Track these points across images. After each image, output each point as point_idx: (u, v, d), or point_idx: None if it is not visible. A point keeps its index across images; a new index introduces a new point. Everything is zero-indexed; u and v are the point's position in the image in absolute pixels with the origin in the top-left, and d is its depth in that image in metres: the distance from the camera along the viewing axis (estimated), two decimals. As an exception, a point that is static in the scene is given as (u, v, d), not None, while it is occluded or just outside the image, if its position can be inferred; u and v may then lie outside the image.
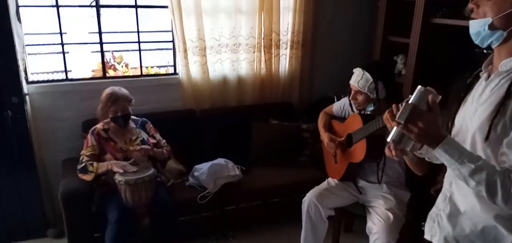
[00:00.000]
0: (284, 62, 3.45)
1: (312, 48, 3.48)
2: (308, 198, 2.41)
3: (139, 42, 3.17)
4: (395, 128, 1.21)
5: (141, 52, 3.21)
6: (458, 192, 1.30)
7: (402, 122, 1.16)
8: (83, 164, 2.48)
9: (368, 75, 2.28)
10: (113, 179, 2.43)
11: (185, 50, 3.09)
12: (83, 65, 4.45)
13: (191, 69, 3.17)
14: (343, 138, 2.46)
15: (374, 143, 2.21)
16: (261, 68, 3.38)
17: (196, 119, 3.23)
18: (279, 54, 3.38)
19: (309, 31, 3.39)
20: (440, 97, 1.20)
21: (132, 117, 2.71)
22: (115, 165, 2.44)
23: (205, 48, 3.15)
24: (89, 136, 2.59)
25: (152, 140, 2.72)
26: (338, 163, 2.52)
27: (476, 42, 1.21)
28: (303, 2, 3.27)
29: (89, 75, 4.30)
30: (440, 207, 1.38)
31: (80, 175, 2.48)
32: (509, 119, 1.12)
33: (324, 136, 2.58)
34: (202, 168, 2.80)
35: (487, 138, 1.16)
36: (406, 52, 2.90)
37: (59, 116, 2.96)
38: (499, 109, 1.13)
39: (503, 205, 1.10)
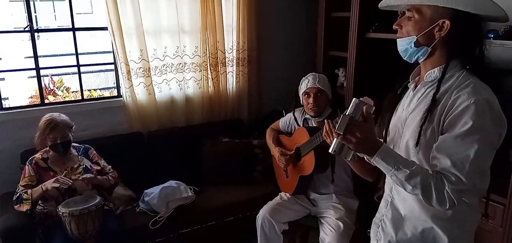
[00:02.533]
0: (232, 80, 3.47)
1: (258, 65, 3.54)
2: (262, 214, 2.44)
3: (78, 65, 3.05)
4: (335, 139, 1.28)
5: (82, 75, 3.09)
6: (398, 197, 1.38)
7: (341, 133, 1.22)
8: (18, 195, 2.34)
9: (324, 75, 2.40)
10: (56, 211, 2.30)
11: (128, 72, 3.01)
12: (20, 92, 4.18)
13: (136, 91, 3.09)
14: (292, 152, 2.52)
15: (322, 155, 2.28)
16: (209, 86, 3.37)
17: (144, 142, 3.15)
18: (226, 71, 3.40)
19: (253, 48, 3.45)
20: (374, 107, 1.28)
21: (74, 144, 2.59)
22: (49, 184, 2.31)
23: (149, 68, 3.09)
24: (26, 166, 2.44)
25: (96, 167, 2.60)
26: (290, 177, 2.57)
27: (405, 58, 1.31)
28: (245, 20, 3.32)
29: (26, 102, 4.04)
30: (383, 213, 1.45)
31: (16, 207, 2.33)
32: (437, 125, 1.21)
33: (275, 151, 2.62)
34: (153, 192, 2.73)
35: (417, 144, 1.24)
36: (346, 65, 3.05)
37: (-6, 148, 2.75)
38: (427, 116, 1.22)
39: (439, 207, 1.17)
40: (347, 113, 1.26)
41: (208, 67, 3.32)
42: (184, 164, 3.16)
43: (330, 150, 1.31)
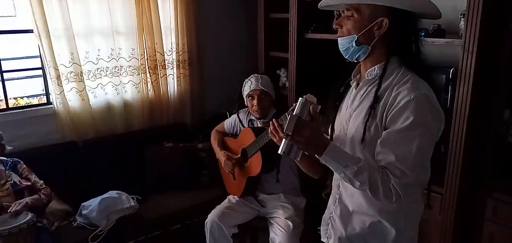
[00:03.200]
0: (173, 82, 3.36)
1: (199, 67, 3.46)
2: (210, 219, 2.39)
3: (1, 71, 2.77)
4: (284, 140, 1.28)
5: (5, 82, 2.81)
6: (346, 193, 1.41)
7: (290, 134, 1.23)
8: None
9: (266, 77, 2.40)
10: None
11: (58, 77, 2.80)
12: None
13: (67, 97, 2.88)
14: (238, 155, 2.49)
15: (269, 154, 2.29)
16: (148, 90, 3.24)
17: (79, 152, 2.94)
18: (166, 74, 3.29)
19: (193, 50, 3.37)
20: (319, 106, 1.30)
21: (0, 158, 2.35)
22: None
23: (81, 73, 2.90)
24: None
25: (25, 183, 2.39)
26: (237, 180, 2.54)
27: (346, 56, 1.34)
28: (183, 22, 3.23)
29: None
30: (331, 210, 1.48)
31: None
32: (380, 121, 1.25)
33: (220, 155, 2.58)
34: (91, 205, 2.56)
35: (363, 140, 1.27)
36: (287, 65, 3.09)
37: None
38: (370, 113, 1.26)
39: (385, 201, 1.21)
40: (294, 113, 1.26)
41: (147, 70, 3.18)
42: (125, 172, 3.00)
43: (279, 151, 1.30)
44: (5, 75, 2.81)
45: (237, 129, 2.64)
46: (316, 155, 1.28)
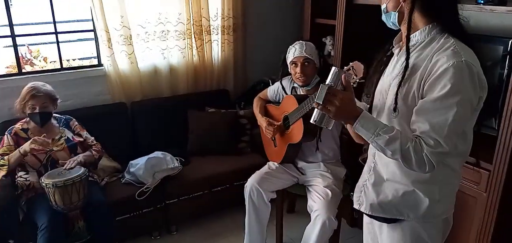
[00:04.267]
0: (217, 48, 3.39)
1: (243, 33, 3.46)
2: (250, 183, 2.42)
3: (56, 32, 2.91)
4: (316, 109, 1.28)
5: (60, 44, 2.96)
6: (380, 162, 1.39)
7: (321, 103, 1.23)
8: None
9: (311, 43, 2.36)
10: (39, 182, 2.24)
11: (109, 40, 2.90)
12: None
13: (117, 60, 2.99)
14: (280, 122, 2.50)
15: (311, 123, 2.27)
16: (193, 55, 3.29)
17: (127, 113, 3.07)
18: (210, 40, 3.31)
19: (238, 16, 3.36)
20: (354, 76, 1.33)
21: (54, 114, 2.50)
22: (26, 146, 2.23)
23: (130, 36, 2.98)
24: (5, 136, 2.36)
25: (78, 139, 2.53)
26: (278, 146, 2.55)
27: (387, 24, 1.37)
28: (230, -14, 3.22)
29: (2, 72, 3.87)
30: (365, 177, 1.47)
31: None
32: (417, 89, 1.21)
33: (262, 121, 2.59)
34: (139, 163, 2.68)
35: (394, 109, 1.25)
36: (333, 33, 3.01)
37: (-29, 119, 2.64)
38: (401, 82, 1.24)
39: (418, 170, 1.19)
40: (326, 83, 1.26)
41: (192, 35, 3.22)
42: (169, 134, 3.11)
43: (311, 120, 1.31)
44: (60, 37, 2.96)
45: (280, 97, 2.63)
46: (347, 124, 1.28)
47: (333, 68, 1.28)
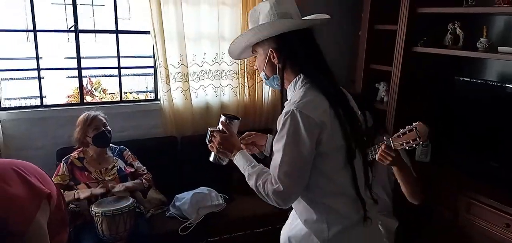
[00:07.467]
0: (267, 89, 3.42)
1: (294, 75, 3.46)
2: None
3: (119, 67, 3.09)
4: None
5: (121, 77, 3.13)
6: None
7: (207, 142, 1.56)
8: None
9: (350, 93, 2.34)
10: (88, 210, 2.30)
11: (167, 76, 3.02)
12: (57, 91, 4.31)
13: (173, 95, 3.09)
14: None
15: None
16: (245, 94, 3.34)
17: (178, 146, 3.14)
18: (262, 80, 3.34)
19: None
20: (234, 120, 1.59)
21: (110, 144, 2.60)
22: (82, 193, 2.32)
23: (187, 74, 3.09)
24: (62, 164, 2.47)
25: (129, 169, 2.60)
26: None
27: (272, 88, 1.57)
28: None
29: (63, 101, 4.15)
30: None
31: None
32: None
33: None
34: (185, 198, 2.70)
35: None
36: (388, 79, 2.93)
37: (33, 145, 2.81)
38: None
39: (277, 206, 1.29)
40: (210, 129, 1.57)
41: (245, 75, 3.28)
42: (215, 171, 3.09)
43: (210, 159, 1.62)
44: (121, 72, 3.13)
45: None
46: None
47: (221, 116, 1.58)
